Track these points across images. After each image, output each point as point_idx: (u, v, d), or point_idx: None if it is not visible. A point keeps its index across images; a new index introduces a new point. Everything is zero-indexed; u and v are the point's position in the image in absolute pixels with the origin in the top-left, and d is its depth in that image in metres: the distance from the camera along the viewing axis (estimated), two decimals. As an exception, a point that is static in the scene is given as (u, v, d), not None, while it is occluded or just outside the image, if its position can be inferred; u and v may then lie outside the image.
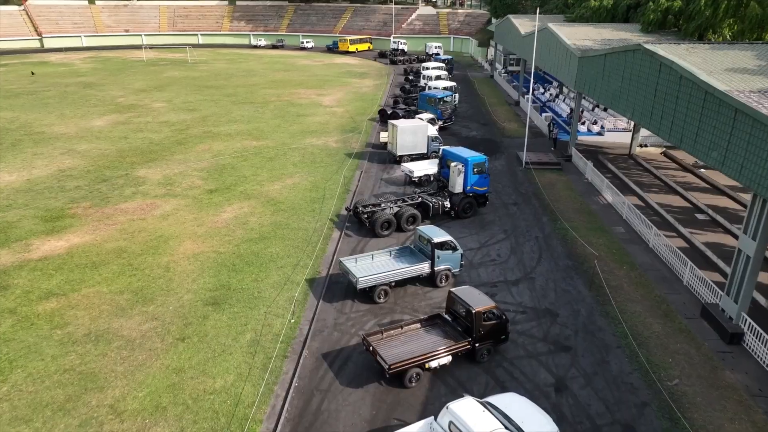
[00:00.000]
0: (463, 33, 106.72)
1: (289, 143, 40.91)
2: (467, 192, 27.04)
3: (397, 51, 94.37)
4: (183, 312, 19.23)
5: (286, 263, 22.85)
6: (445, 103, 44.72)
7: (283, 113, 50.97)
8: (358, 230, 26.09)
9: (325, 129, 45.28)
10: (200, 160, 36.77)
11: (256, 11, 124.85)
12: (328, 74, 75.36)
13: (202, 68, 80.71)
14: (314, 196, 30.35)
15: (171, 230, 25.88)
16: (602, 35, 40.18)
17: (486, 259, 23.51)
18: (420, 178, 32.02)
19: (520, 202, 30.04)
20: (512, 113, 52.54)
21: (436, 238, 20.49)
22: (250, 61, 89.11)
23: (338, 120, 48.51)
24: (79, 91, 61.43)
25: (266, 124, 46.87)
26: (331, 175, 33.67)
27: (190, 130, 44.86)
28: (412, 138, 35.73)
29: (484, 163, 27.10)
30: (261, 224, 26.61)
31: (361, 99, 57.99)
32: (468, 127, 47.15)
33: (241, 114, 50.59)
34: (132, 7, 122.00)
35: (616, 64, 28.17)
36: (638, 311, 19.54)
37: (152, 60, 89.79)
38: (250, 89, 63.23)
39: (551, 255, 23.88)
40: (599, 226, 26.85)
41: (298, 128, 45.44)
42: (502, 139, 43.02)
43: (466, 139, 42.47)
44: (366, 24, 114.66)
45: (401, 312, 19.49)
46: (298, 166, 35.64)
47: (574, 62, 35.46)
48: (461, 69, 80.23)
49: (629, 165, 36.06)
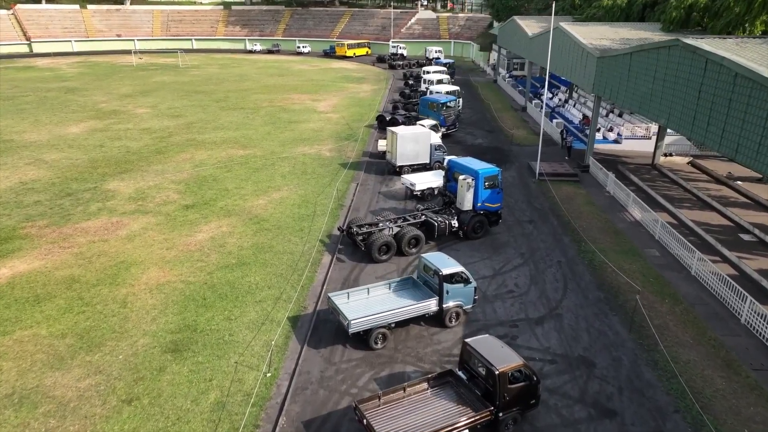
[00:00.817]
0: (464, 37, 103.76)
1: (278, 152, 37.45)
2: (477, 209, 23.55)
3: (396, 55, 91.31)
4: (135, 362, 15.66)
5: (266, 296, 19.29)
6: (448, 108, 41.36)
7: (274, 119, 47.57)
8: (352, 254, 22.57)
9: (318, 136, 41.87)
10: (179, 171, 33.28)
11: (252, 16, 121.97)
12: (324, 79, 72.11)
13: (193, 73, 77.45)
14: (303, 212, 26.85)
15: (135, 254, 22.32)
16: (620, 34, 36.93)
17: (502, 290, 19.98)
18: (422, 192, 28.55)
19: (537, 219, 26.55)
20: (519, 119, 49.20)
21: (445, 269, 16.98)
22: (243, 66, 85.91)
23: (333, 127, 45.12)
24: (59, 96, 58.02)
25: (255, 131, 43.46)
26: (324, 189, 30.19)
27: (173, 137, 41.41)
28: (414, 146, 32.31)
29: (496, 176, 23.62)
30: (240, 247, 23.09)
31: (358, 104, 54.65)
32: (473, 134, 43.77)
33: (230, 120, 47.19)
34: (124, 12, 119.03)
35: (646, 63, 24.82)
36: (693, 360, 16.01)
37: (142, 65, 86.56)
38: (242, 94, 59.91)
39: (578, 285, 20.36)
40: (629, 248, 23.36)
41: (289, 136, 42.02)
42: (510, 148, 39.61)
43: (472, 148, 39.06)
44: (364, 28, 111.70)
45: (403, 361, 15.93)
46: (287, 178, 32.15)
47: (591, 63, 32.14)
48: (463, 74, 77.05)
49: (654, 176, 32.62)
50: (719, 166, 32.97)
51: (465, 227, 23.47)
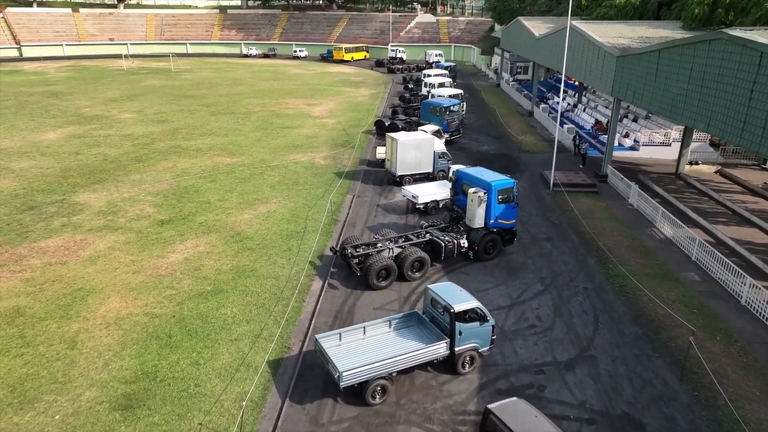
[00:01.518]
0: (464, 41, 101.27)
1: (268, 160, 34.53)
2: (490, 227, 20.59)
3: (395, 59, 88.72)
4: (74, 425, 12.62)
5: (243, 333, 16.30)
6: (451, 113, 38.51)
7: (266, 125, 44.70)
8: (346, 278, 19.60)
9: (312, 143, 38.97)
10: (159, 180, 30.32)
11: (248, 19, 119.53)
12: (321, 83, 69.36)
13: (184, 77, 74.67)
14: (292, 229, 23.88)
15: (96, 280, 19.32)
16: (638, 33, 34.19)
17: (522, 324, 17.01)
18: (426, 206, 25.62)
19: (555, 236, 23.60)
20: (526, 125, 46.37)
21: (458, 305, 14.01)
22: (237, 70, 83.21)
23: (329, 133, 42.24)
24: (42, 100, 55.12)
25: (245, 137, 40.55)
26: (316, 201, 27.25)
27: (156, 144, 38.48)
28: (415, 154, 29.41)
29: (512, 189, 20.67)
30: (218, 270, 20.10)
31: (355, 109, 51.83)
32: (478, 140, 40.91)
33: (219, 126, 44.30)
34: (118, 15, 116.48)
35: (678, 61, 21.98)
36: (765, 420, 13.02)
37: (133, 69, 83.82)
38: (233, 99, 57.07)
39: (611, 318, 17.40)
40: (664, 271, 20.41)
41: (281, 142, 39.12)
42: (519, 155, 36.73)
43: (478, 155, 36.20)
44: (362, 32, 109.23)
45: (407, 421, 12.92)
46: (277, 188, 29.21)
47: (610, 63, 29.33)
48: (464, 78, 74.39)
49: (679, 187, 29.73)
50: (752, 176, 30.15)
51: (476, 247, 20.50)
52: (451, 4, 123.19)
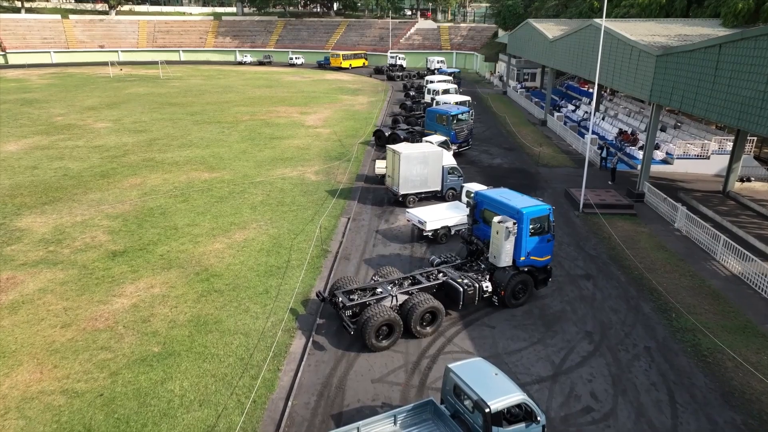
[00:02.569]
0: (466, 48, 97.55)
1: (252, 176, 30.20)
2: (520, 265, 16.22)
3: (394, 66, 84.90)
4: None
5: (191, 424, 11.83)
6: (459, 121, 34.27)
7: (253, 135, 40.44)
8: (336, 335, 15.18)
9: (303, 155, 34.68)
10: (122, 200, 25.97)
11: (243, 26, 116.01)
12: (316, 90, 65.30)
13: (173, 84, 70.61)
14: (272, 263, 19.49)
15: (10, 338, 14.86)
16: (672, 31, 30.13)
17: (574, 406, 12.55)
18: (436, 233, 21.26)
19: (595, 272, 19.21)
20: (540, 135, 42.17)
21: (495, 401, 9.57)
22: (230, 77, 79.22)
23: (322, 144, 37.97)
24: (12, 108, 50.86)
25: (229, 149, 36.25)
26: (304, 226, 22.89)
27: (127, 156, 34.16)
28: (421, 169, 25.12)
29: (547, 218, 16.32)
30: (172, 322, 15.67)
31: (352, 118, 47.64)
32: (489, 152, 36.66)
33: (201, 136, 40.04)
34: (109, 22, 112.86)
35: (751, 57, 17.76)
36: None
37: (120, 76, 79.80)
38: (221, 107, 52.89)
39: (692, 396, 12.96)
40: (743, 322, 16.02)
41: (269, 155, 34.82)
42: (537, 170, 32.44)
43: (490, 170, 31.93)
44: (361, 39, 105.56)
45: None
46: (258, 210, 24.86)
47: (647, 64, 25.16)
48: (468, 85, 70.42)
49: (732, 208, 25.41)
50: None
51: (502, 291, 16.11)
52: (452, 12, 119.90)
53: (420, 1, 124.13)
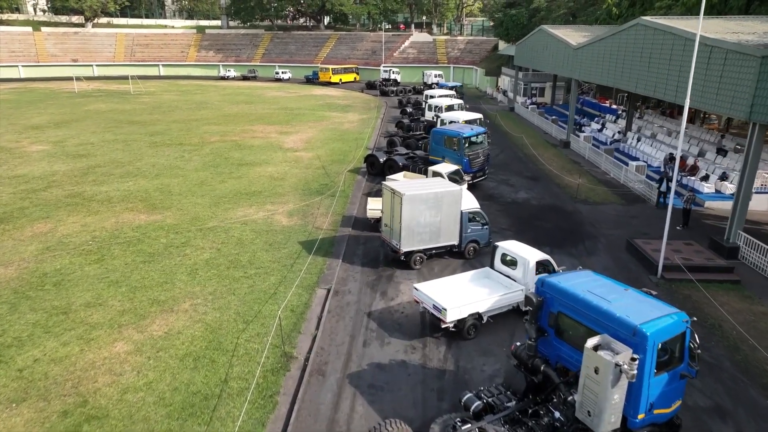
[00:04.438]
0: (464, 62, 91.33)
1: (204, 218, 22.72)
2: (636, 426, 8.75)
3: (388, 81, 78.20)
4: None
5: None
6: (473, 145, 27.08)
7: (218, 161, 33.06)
8: None
9: (276, 188, 27.28)
10: (6, 262, 18.33)
11: (228, 40, 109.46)
12: (301, 107, 58.24)
13: (142, 100, 63.34)
14: (199, 386, 11.89)
15: None
16: (754, 28, 23.29)
17: None
18: (460, 324, 13.78)
19: (729, 403, 11.78)
20: (566, 160, 35.10)
21: None
22: (208, 93, 72.15)
23: (301, 172, 30.62)
24: (-59, 128, 43.29)
25: (184, 179, 28.82)
26: (261, 306, 15.36)
27: (49, 190, 26.59)
28: (432, 217, 17.75)
29: (682, 338, 8.92)
30: None
31: (340, 138, 40.47)
32: (509, 182, 29.44)
33: (154, 162, 32.60)
34: (84, 35, 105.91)
35: None
36: None
37: (86, 91, 72.45)
38: (189, 125, 45.58)
39: None
40: None
41: (231, 187, 27.41)
42: (575, 207, 25.22)
43: (516, 208, 24.70)
44: (352, 53, 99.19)
45: None
46: (199, 277, 17.31)
47: (745, 70, 18.18)
48: (470, 101, 63.55)
49: None
50: None
51: (601, 474, 8.61)
52: (447, 25, 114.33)
53: (414, 14, 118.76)
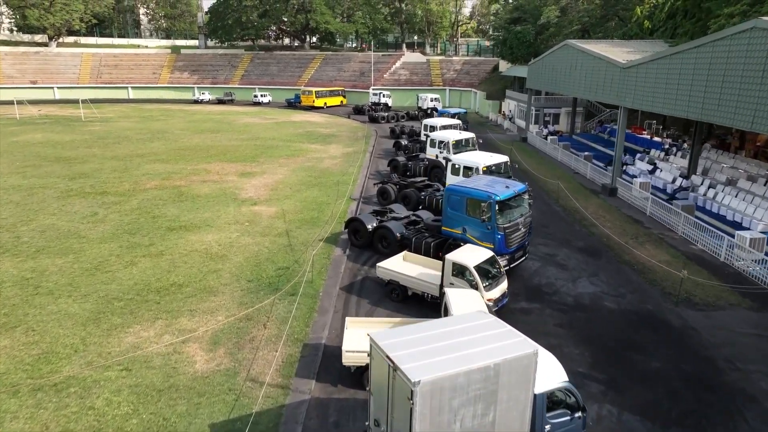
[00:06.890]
0: (461, 84, 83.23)
1: (59, 354, 12.93)
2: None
3: (378, 105, 69.59)
4: None
5: None
6: (509, 210, 17.74)
7: (141, 222, 23.45)
8: None
9: (207, 279, 17.63)
10: None
11: (204, 60, 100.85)
12: (275, 137, 49.04)
13: (91, 129, 53.85)
14: None
15: None
16: None
17: None
18: None
19: None
20: (619, 215, 25.87)
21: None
22: (173, 119, 62.89)
23: (255, 243, 21.02)
24: None
25: (74, 259, 19.10)
26: None
27: None
28: (477, 415, 8.23)
29: None
30: None
31: (317, 182, 31.11)
32: (557, 260, 20.00)
33: (50, 224, 22.92)
34: (46, 55, 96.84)
35: None
36: None
37: (32, 117, 62.86)
38: (129, 164, 36.05)
39: None
40: None
41: (139, 275, 17.73)
42: (682, 316, 15.81)
43: (586, 324, 15.20)
44: (338, 74, 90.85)
45: None
46: None
47: None
48: (473, 129, 54.70)
49: None
50: None
51: None
52: (441, 46, 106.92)
53: (405, 33, 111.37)
